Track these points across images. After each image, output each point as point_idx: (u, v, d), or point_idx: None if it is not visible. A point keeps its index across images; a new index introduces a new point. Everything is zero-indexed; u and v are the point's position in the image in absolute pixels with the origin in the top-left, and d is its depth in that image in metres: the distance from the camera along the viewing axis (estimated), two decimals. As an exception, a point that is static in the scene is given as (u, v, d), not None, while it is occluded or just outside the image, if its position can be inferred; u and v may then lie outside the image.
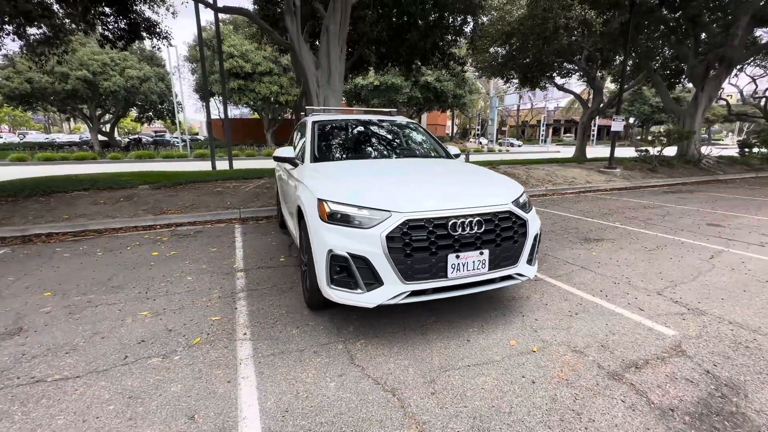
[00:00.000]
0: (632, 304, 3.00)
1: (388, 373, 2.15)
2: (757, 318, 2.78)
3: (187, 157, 22.32)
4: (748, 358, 2.27)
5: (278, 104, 27.72)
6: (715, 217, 6.20)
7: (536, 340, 2.49)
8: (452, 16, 11.90)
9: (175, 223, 5.94)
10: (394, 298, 2.30)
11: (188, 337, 2.53)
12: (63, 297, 3.18)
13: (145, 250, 4.49)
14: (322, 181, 2.71)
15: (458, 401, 1.91)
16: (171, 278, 3.59)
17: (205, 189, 7.59)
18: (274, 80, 25.78)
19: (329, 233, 2.36)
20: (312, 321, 2.75)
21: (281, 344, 2.45)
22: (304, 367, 2.21)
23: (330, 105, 8.49)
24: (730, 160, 14.17)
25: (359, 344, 2.45)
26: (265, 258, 4.19)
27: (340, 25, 8.12)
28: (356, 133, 4.01)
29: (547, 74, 18.53)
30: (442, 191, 2.60)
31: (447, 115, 48.77)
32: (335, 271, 2.37)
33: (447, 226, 2.33)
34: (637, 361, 2.25)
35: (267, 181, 8.23)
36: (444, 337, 2.54)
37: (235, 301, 3.09)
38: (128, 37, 10.58)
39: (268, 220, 6.22)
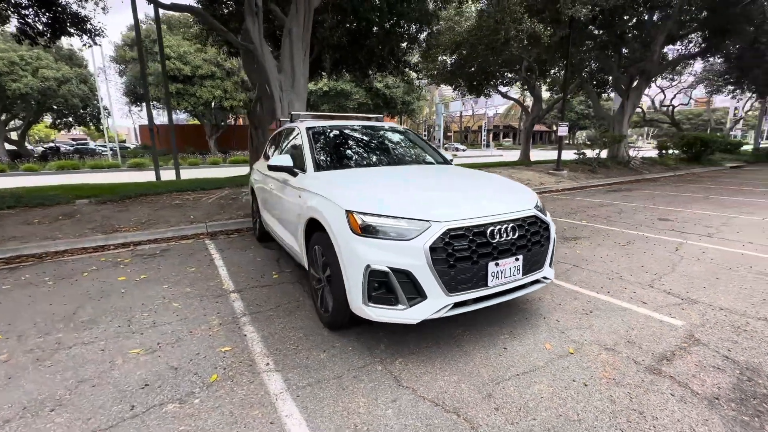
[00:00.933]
0: (634, 298, 3.19)
1: (441, 391, 2.04)
2: (738, 302, 3.09)
3: (119, 168, 20.20)
4: (751, 341, 2.50)
5: (222, 110, 26.24)
6: (661, 212, 6.90)
7: (567, 341, 2.53)
8: (407, 25, 12.11)
9: (132, 242, 5.28)
10: (438, 312, 2.19)
11: (201, 375, 2.20)
12: (20, 340, 2.63)
13: (106, 275, 3.90)
14: (345, 191, 2.53)
15: (525, 414, 1.86)
16: (153, 306, 3.14)
17: (160, 202, 6.87)
18: (217, 84, 24.36)
19: (365, 247, 2.20)
20: (337, 343, 2.55)
21: (314, 372, 2.22)
22: (350, 395, 2.02)
23: (295, 110, 8.15)
24: (651, 161, 16.00)
25: (398, 363, 2.31)
26: (254, 276, 3.85)
27: (304, 27, 7.86)
28: (355, 140, 3.85)
29: (491, 83, 19.67)
30: (471, 198, 2.56)
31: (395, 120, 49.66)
32: (373, 288, 2.21)
33: (485, 233, 2.29)
34: (665, 354, 2.37)
35: (230, 192, 7.68)
36: (480, 347, 2.48)
37: (241, 327, 2.77)
38: (52, 32, 9.35)
39: (240, 233, 5.77)
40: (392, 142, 4.01)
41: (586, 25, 12.31)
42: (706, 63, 17.99)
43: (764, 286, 3.43)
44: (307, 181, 3.04)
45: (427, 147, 4.08)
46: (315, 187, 2.82)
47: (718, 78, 19.15)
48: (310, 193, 2.85)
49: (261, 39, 7.50)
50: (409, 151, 3.94)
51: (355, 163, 3.45)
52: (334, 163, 3.36)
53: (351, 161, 3.49)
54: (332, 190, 2.59)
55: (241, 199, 7.17)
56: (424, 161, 3.76)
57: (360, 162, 3.51)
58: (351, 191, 2.53)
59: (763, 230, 5.42)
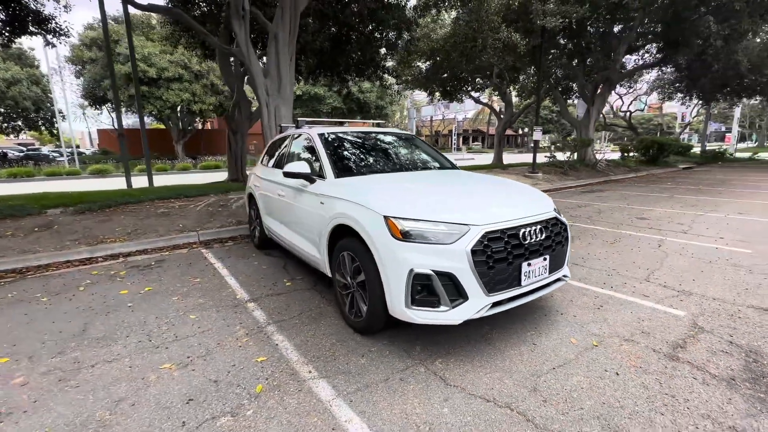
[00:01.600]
0: (636, 292, 3.44)
1: (489, 388, 2.13)
2: (726, 292, 3.41)
3: (79, 174, 18.98)
4: (747, 327, 2.77)
5: (191, 113, 25.33)
6: (636, 211, 7.40)
7: (589, 335, 2.70)
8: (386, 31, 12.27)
9: (121, 253, 5.03)
10: (479, 312, 2.28)
11: (245, 387, 2.17)
12: (32, 361, 2.47)
13: (106, 289, 3.71)
14: (378, 197, 2.57)
15: (572, 405, 1.98)
16: (169, 319, 3.03)
17: (143, 211, 6.57)
18: (185, 87, 23.50)
19: (408, 252, 2.26)
20: (373, 347, 2.58)
21: (359, 377, 2.25)
22: (402, 396, 2.06)
23: (282, 115, 8.07)
24: (615, 163, 17.03)
25: (439, 363, 2.38)
26: (266, 284, 3.79)
27: (290, 32, 7.80)
28: (367, 146, 3.89)
29: (463, 88, 20.29)
30: (500, 202, 2.67)
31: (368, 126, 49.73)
32: (416, 291, 2.27)
33: (518, 235, 2.41)
34: (677, 342, 2.58)
35: (218, 199, 7.45)
36: (510, 344, 2.60)
37: (270, 337, 2.74)
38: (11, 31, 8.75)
39: (235, 241, 5.63)
40: (402, 148, 4.09)
41: (555, 35, 12.99)
42: (660, 72, 19.42)
43: (743, 276, 3.78)
44: (330, 187, 3.05)
45: (433, 152, 4.19)
46: (341, 194, 2.84)
47: (670, 86, 20.74)
48: (335, 199, 2.87)
49: (248, 43, 7.38)
50: (420, 156, 4.03)
51: (374, 169, 3.49)
52: (353, 169, 3.39)
53: (368, 167, 3.53)
54: (363, 197, 2.63)
55: (230, 206, 6.99)
56: (436, 166, 3.86)
57: (377, 168, 3.55)
58: (384, 197, 2.58)
59: (728, 226, 5.95)
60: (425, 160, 3.94)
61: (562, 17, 11.32)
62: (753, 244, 4.88)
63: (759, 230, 5.64)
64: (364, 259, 2.51)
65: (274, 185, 4.11)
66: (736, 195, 9.32)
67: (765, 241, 5.05)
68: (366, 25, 11.46)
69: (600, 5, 11.53)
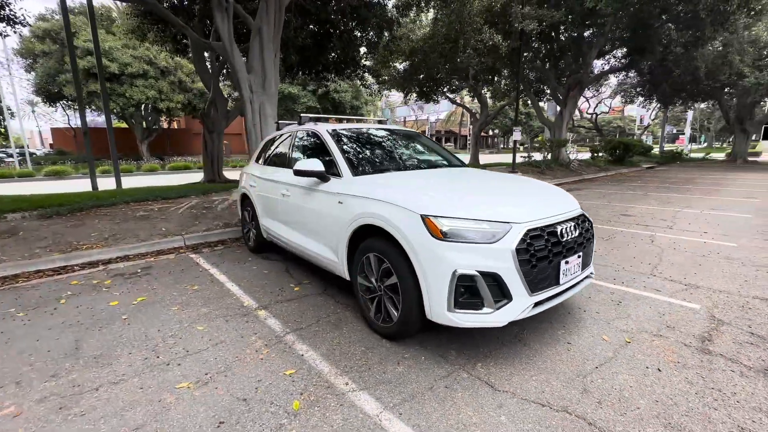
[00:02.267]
0: (648, 287, 3.50)
1: (539, 391, 2.05)
2: (729, 285, 3.53)
3: (33, 176, 17.52)
4: (761, 317, 2.87)
5: (157, 111, 24.07)
6: (619, 209, 7.67)
7: (618, 331, 2.69)
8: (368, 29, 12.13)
9: (101, 261, 4.61)
10: (523, 312, 2.21)
11: (279, 404, 1.98)
12: (21, 387, 2.15)
13: (92, 301, 3.35)
14: (411, 195, 2.44)
15: (627, 405, 1.94)
16: (173, 332, 2.76)
17: (119, 214, 6.09)
18: (150, 84, 22.29)
19: (451, 252, 2.14)
20: (406, 353, 2.45)
21: (401, 386, 2.11)
22: (453, 406, 1.94)
23: (267, 113, 7.75)
24: (586, 163, 17.74)
25: (480, 368, 2.28)
26: (272, 290, 3.56)
27: (274, 26, 7.50)
28: (379, 144, 3.74)
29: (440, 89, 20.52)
30: (533, 200, 2.62)
31: (340, 125, 49.33)
32: (460, 293, 2.16)
33: (557, 233, 2.36)
34: (703, 335, 2.62)
35: (201, 201, 7.04)
36: (545, 344, 2.54)
37: (291, 347, 2.54)
38: (-43, 17, 7.93)
39: (225, 245, 5.31)
40: (412, 145, 3.97)
41: (532, 39, 13.34)
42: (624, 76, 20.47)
43: (738, 269, 3.95)
44: (349, 186, 2.89)
45: (441, 149, 4.11)
46: (365, 192, 2.69)
47: (633, 90, 21.91)
48: (358, 198, 2.71)
49: (231, 37, 7.02)
50: (432, 153, 3.93)
51: (390, 167, 3.36)
52: (369, 167, 3.24)
53: (384, 164, 3.39)
54: (394, 195, 2.49)
55: (215, 208, 6.62)
56: (450, 164, 3.77)
57: (393, 165, 3.42)
58: (418, 195, 2.45)
59: (706, 221, 6.27)
60: (437, 158, 3.85)
61: (539, 21, 11.64)
62: (735, 238, 5.14)
63: (735, 225, 5.97)
64: (397, 260, 2.37)
65: (277, 185, 3.88)
66: (704, 192, 9.90)
67: (744, 234, 5.34)
68: (347, 23, 11.28)
69: (574, 10, 11.94)
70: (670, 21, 12.74)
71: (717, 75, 15.74)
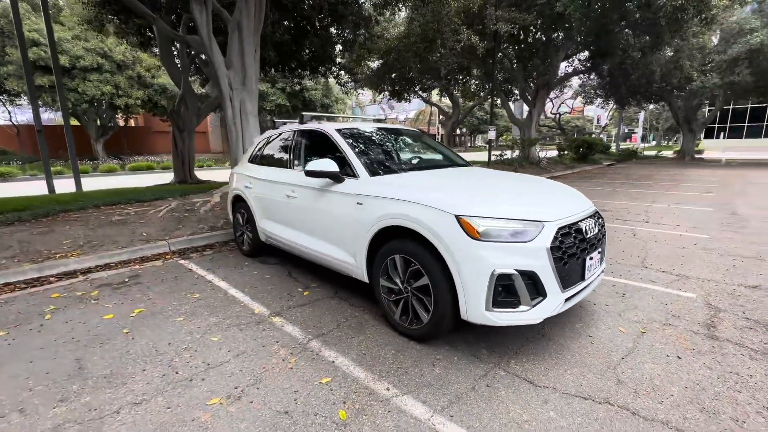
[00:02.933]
0: (643, 279, 3.70)
1: (578, 385, 2.11)
2: (715, 274, 3.81)
3: (-28, 179, 15.86)
4: (751, 303, 3.11)
5: (113, 108, 22.54)
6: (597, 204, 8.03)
7: (631, 322, 2.83)
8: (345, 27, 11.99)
9: (79, 270, 4.25)
10: (557, 309, 2.26)
11: (325, 414, 1.90)
12: (27, 415, 1.93)
13: (82, 315, 3.07)
14: (443, 195, 2.43)
15: (662, 393, 2.03)
16: (187, 344, 2.59)
17: (92, 219, 5.65)
18: (105, 79, 20.82)
19: (489, 252, 2.15)
20: (438, 354, 2.43)
21: (443, 388, 2.09)
22: (500, 404, 1.96)
23: (247, 110, 7.46)
24: (554, 161, 18.54)
25: (514, 365, 2.31)
26: (280, 295, 3.43)
27: (255, 20, 7.23)
28: (388, 143, 3.69)
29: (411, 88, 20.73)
30: (556, 198, 2.68)
31: (309, 124, 48.54)
32: (497, 292, 2.17)
33: (582, 230, 2.43)
34: (707, 322, 2.80)
35: (181, 203, 6.66)
36: (568, 338, 2.62)
37: (318, 354, 2.46)
38: None
39: (215, 249, 5.06)
40: (419, 144, 3.96)
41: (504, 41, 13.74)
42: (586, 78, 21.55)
43: (717, 259, 4.27)
44: (368, 186, 2.83)
45: (445, 149, 4.12)
46: (388, 193, 2.64)
47: (593, 91, 23.13)
48: (381, 199, 2.66)
49: (209, 31, 6.69)
50: (438, 153, 3.93)
51: (405, 167, 3.33)
52: (385, 167, 3.19)
53: (399, 165, 3.35)
54: (422, 195, 2.46)
55: (197, 210, 6.29)
56: (457, 163, 3.79)
57: (407, 165, 3.40)
58: (449, 195, 2.43)
59: (675, 215, 6.73)
60: (444, 157, 3.86)
61: (512, 23, 12.00)
62: (706, 230, 5.56)
63: (701, 218, 6.45)
64: (428, 262, 2.35)
65: (280, 186, 3.73)
66: (665, 188, 10.62)
67: (712, 226, 5.78)
68: (324, 20, 11.09)
69: (544, 14, 12.41)
70: (628, 27, 13.56)
71: (669, 78, 16.95)
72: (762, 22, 17.18)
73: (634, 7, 11.81)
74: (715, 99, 21.52)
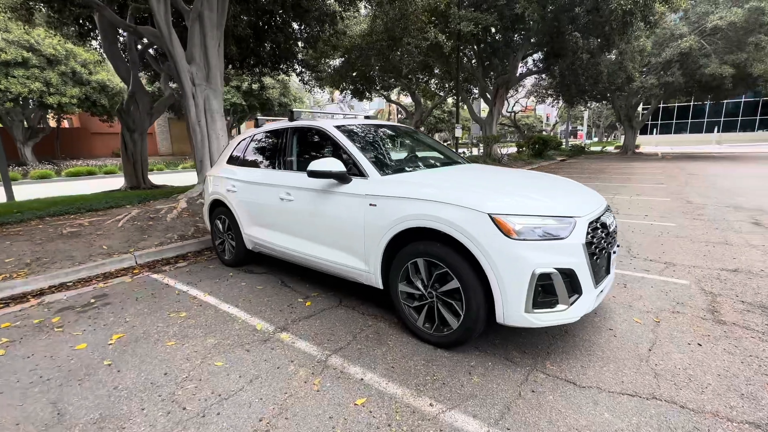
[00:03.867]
0: (636, 268, 3.83)
1: (619, 382, 2.07)
2: (696, 260, 4.03)
3: None
4: (741, 287, 3.30)
5: (44, 107, 20.26)
6: (563, 198, 8.39)
7: (643, 312, 2.88)
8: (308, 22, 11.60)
9: (29, 293, 3.67)
10: (592, 305, 2.22)
11: (370, 441, 1.71)
12: (-1, 482, 1.55)
13: (47, 347, 2.61)
14: (471, 193, 2.29)
15: (699, 382, 2.05)
16: (188, 373, 2.26)
17: (38, 232, 4.94)
18: (33, 75, 18.64)
19: (528, 251, 2.06)
20: (471, 361, 2.31)
21: (489, 398, 1.97)
22: (552, 410, 1.87)
23: (213, 108, 6.94)
24: (513, 157, 19.28)
25: (550, 366, 2.24)
26: (279, 307, 3.14)
27: (218, 12, 6.72)
28: (389, 140, 3.50)
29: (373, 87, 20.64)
30: (577, 194, 2.63)
31: (265, 123, 46.97)
32: (537, 292, 2.08)
33: (606, 224, 2.42)
34: (710, 308, 2.92)
35: (143, 211, 6.03)
36: (591, 333, 2.61)
37: (343, 372, 2.24)
38: None
39: (188, 260, 4.61)
40: (418, 142, 3.82)
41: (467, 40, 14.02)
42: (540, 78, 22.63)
43: (691, 245, 4.54)
44: (380, 186, 2.65)
45: (441, 146, 4.02)
46: (407, 193, 2.47)
47: (545, 90, 24.38)
48: (399, 199, 2.49)
49: (168, 22, 6.12)
50: (437, 150, 3.80)
51: (413, 165, 3.17)
52: (393, 166, 3.01)
53: (406, 163, 3.19)
54: (447, 194, 2.32)
55: (163, 218, 5.72)
56: (457, 161, 3.69)
57: (414, 164, 3.24)
58: (478, 193, 2.30)
59: (639, 206, 7.16)
60: (446, 155, 3.74)
61: (475, 24, 12.26)
62: (672, 219, 5.94)
63: (663, 207, 6.91)
64: (459, 264, 2.22)
65: (272, 188, 3.43)
66: (621, 180, 11.35)
67: (677, 215, 6.20)
68: (287, 14, 10.63)
69: (504, 15, 12.80)
70: (579, 30, 14.38)
71: (615, 79, 18.21)
72: (689, 28, 18.99)
73: (583, 11, 12.53)
74: (651, 98, 23.50)
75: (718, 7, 18.58)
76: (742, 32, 17.29)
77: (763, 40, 16.94)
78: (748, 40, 17.16)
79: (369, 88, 20.58)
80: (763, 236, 4.80)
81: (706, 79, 18.49)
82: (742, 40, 17.41)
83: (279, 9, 10.25)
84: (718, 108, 34.65)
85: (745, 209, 6.45)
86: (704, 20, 18.56)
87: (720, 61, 17.84)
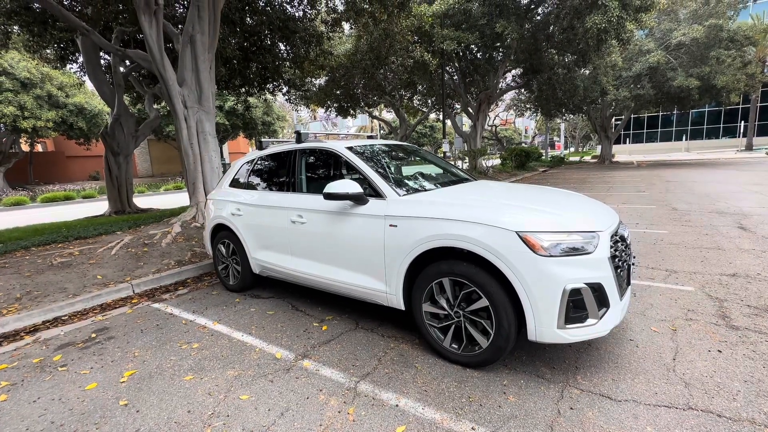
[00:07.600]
0: (641, 276, 3.92)
1: (653, 394, 2.09)
2: (694, 266, 4.16)
3: None
4: (744, 291, 3.41)
5: (17, 131, 19.58)
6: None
7: (658, 321, 2.94)
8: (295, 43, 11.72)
9: (21, 330, 3.47)
10: (619, 317, 2.25)
11: (420, 472, 1.66)
12: None
13: (52, 389, 2.45)
14: (498, 212, 2.31)
15: (728, 390, 2.09)
16: (213, 409, 2.15)
17: (26, 264, 4.71)
18: (7, 98, 18.06)
19: (558, 267, 2.08)
20: (503, 381, 2.29)
21: (529, 419, 1.95)
22: (596, 428, 1.86)
23: (206, 130, 6.85)
24: (497, 169, 19.69)
25: (582, 380, 2.25)
26: (296, 333, 3.06)
27: (209, 35, 6.72)
28: (399, 160, 3.53)
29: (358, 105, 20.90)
30: (592, 209, 2.69)
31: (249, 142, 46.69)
32: (569, 308, 2.10)
33: (624, 237, 2.48)
34: (720, 313, 3.01)
35: (137, 236, 5.83)
36: (612, 344, 2.64)
37: (375, 398, 2.19)
38: None
39: (188, 286, 4.47)
40: (425, 160, 3.85)
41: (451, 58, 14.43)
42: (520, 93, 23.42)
43: (687, 252, 4.70)
44: (401, 207, 2.65)
45: (446, 163, 4.07)
46: (431, 213, 2.48)
47: (524, 104, 25.21)
48: (422, 219, 2.49)
49: (160, 45, 6.07)
50: (444, 168, 3.85)
51: (427, 184, 3.18)
52: (410, 185, 3.03)
53: (421, 182, 3.20)
54: (472, 213, 2.34)
55: (158, 244, 5.54)
56: (464, 178, 3.73)
57: (428, 182, 3.24)
58: (505, 212, 2.32)
59: (628, 213, 7.39)
60: (452, 173, 3.79)
61: (457, 42, 12.66)
62: (662, 226, 6.15)
63: (650, 215, 7.15)
64: (487, 283, 2.23)
65: (282, 210, 3.39)
66: (603, 189, 11.72)
67: (666, 222, 6.42)
68: (274, 35, 10.73)
69: (485, 34, 13.27)
70: (555, 47, 15.04)
71: (590, 92, 19.01)
72: (655, 44, 20.12)
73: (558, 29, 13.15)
74: (624, 109, 24.60)
75: (680, 24, 19.81)
76: (704, 47, 18.46)
77: (722, 54, 18.12)
78: (710, 55, 18.31)
79: (353, 105, 20.83)
80: (750, 240, 5.02)
81: (674, 90, 19.54)
82: (705, 54, 18.57)
83: (266, 31, 10.35)
84: (684, 117, 36.56)
85: (728, 214, 6.75)
86: (669, 36, 19.74)
87: (686, 74, 18.92)
